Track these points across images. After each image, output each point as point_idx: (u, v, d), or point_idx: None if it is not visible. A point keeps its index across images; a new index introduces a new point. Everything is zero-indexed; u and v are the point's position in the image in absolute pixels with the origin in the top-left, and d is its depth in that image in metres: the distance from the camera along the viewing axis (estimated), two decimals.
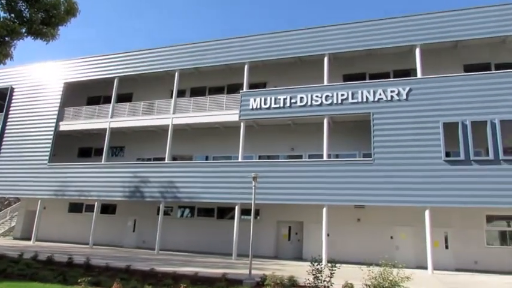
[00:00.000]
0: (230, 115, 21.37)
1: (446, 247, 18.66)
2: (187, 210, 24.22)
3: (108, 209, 25.57)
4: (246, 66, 21.83)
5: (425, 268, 16.44)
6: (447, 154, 17.17)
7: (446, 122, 17.37)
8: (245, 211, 20.40)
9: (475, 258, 18.13)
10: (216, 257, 19.22)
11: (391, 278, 8.44)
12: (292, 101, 20.09)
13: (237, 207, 19.70)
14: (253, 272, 11.57)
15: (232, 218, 20.37)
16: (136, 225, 24.66)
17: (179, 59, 23.65)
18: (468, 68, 19.78)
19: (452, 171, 16.84)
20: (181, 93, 24.76)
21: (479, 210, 18.09)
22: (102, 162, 23.53)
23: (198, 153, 24.25)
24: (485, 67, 19.51)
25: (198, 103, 22.68)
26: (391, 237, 19.45)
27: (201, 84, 25.19)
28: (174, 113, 22.76)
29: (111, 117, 24.26)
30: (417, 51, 18.86)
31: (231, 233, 19.81)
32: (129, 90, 26.54)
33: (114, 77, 25.00)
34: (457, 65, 20.05)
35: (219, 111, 21.80)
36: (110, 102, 24.81)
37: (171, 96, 23.61)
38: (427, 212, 16.78)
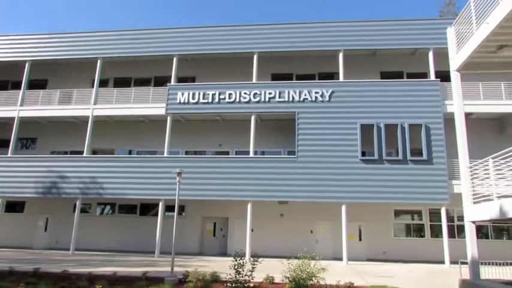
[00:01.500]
0: (156, 108, 20.69)
1: (360, 239, 20.15)
2: (107, 207, 22.98)
3: (15, 207, 23.24)
4: (174, 59, 21.28)
5: (341, 259, 17.57)
6: (363, 154, 18.53)
7: (364, 124, 18.70)
8: (170, 207, 19.93)
9: (384, 248, 19.85)
10: (138, 256, 18.52)
11: (308, 270, 8.87)
12: (221, 96, 20.08)
13: (161, 204, 19.18)
14: (176, 269, 11.37)
15: (156, 214, 19.79)
16: (48, 224, 22.75)
17: (103, 46, 22.26)
18: (384, 75, 21.48)
19: (367, 169, 18.21)
20: (104, 83, 23.35)
21: (388, 205, 19.80)
22: (9, 155, 21.28)
23: (120, 147, 23.10)
24: (399, 75, 21.34)
25: (122, 94, 21.59)
26: (311, 232, 20.46)
27: (126, 75, 24.01)
28: (95, 104, 21.37)
29: (20, 105, 22.01)
30: (340, 55, 19.99)
31: (154, 230, 19.22)
32: (43, 76, 24.35)
33: (25, 61, 22.69)
34: (375, 72, 21.66)
35: (145, 104, 21.00)
36: (19, 88, 22.50)
37: (93, 86, 22.15)
38: (343, 207, 17.93)
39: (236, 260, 8.03)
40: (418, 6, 62.50)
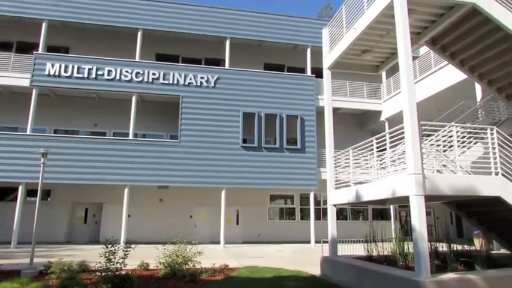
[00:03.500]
0: (18, 79, 18.02)
1: (237, 223, 20.99)
2: None
3: None
4: (44, 24, 18.71)
5: (219, 243, 18.06)
6: (244, 141, 19.22)
7: (246, 112, 19.37)
8: (33, 192, 17.68)
9: (259, 231, 21.07)
10: None
11: (184, 254, 8.88)
12: (99, 72, 18.46)
13: (21, 188, 16.90)
14: (38, 260, 10.19)
15: (15, 199, 17.38)
16: None
17: None
18: (267, 67, 22.48)
19: (247, 156, 18.98)
20: None
21: (265, 191, 21.01)
22: None
23: None
24: (280, 68, 22.59)
25: None
26: (191, 216, 20.53)
27: None
28: None
29: None
30: (227, 43, 20.20)
31: (12, 217, 16.82)
32: None
33: None
34: (259, 63, 22.51)
35: (4, 73, 18.10)
36: None
37: None
38: (223, 192, 18.41)
39: (107, 247, 7.53)
40: (302, 6, 66.89)
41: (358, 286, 7.80)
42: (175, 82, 19.02)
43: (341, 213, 22.38)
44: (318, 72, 19.85)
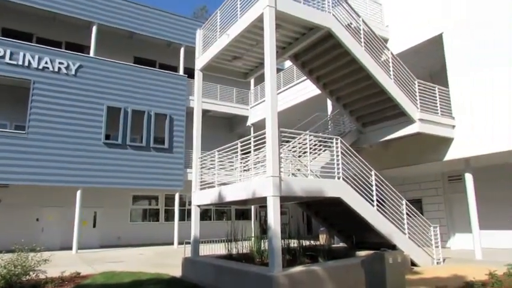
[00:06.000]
0: None
1: (94, 226, 19.34)
2: None
3: None
4: None
5: (71, 248, 16.34)
6: (107, 137, 17.87)
7: (111, 106, 18.06)
8: None
9: (119, 234, 19.83)
10: None
11: (25, 264, 7.74)
12: None
13: None
14: None
15: None
16: None
17: None
18: (138, 61, 21.35)
19: (109, 153, 17.70)
20: None
21: (127, 191, 19.89)
22: None
23: None
24: (152, 64, 21.73)
25: None
26: (37, 219, 18.05)
27: None
28: None
29: None
30: (94, 29, 18.55)
31: None
32: None
33: None
34: (129, 55, 21.25)
35: None
36: None
37: None
38: (78, 192, 16.76)
39: None
40: (177, 4, 65.91)
41: (218, 284, 8.00)
42: (26, 64, 16.48)
43: (206, 214, 22.70)
44: (190, 73, 19.61)
